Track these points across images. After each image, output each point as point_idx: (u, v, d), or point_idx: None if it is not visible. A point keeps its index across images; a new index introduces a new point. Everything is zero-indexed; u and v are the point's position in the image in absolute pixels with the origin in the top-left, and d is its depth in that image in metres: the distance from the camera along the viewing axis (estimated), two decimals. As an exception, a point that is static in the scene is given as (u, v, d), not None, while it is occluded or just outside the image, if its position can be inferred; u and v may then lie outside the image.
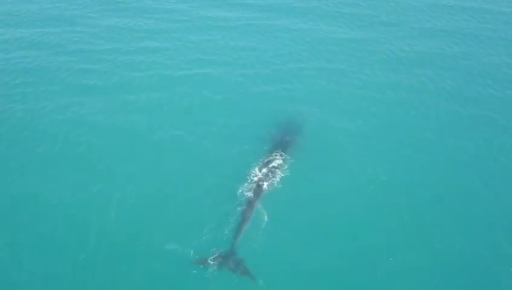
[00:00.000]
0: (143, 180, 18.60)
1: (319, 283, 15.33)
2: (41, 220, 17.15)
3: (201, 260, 15.60)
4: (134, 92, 23.78)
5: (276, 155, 19.53)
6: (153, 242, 16.24)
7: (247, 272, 15.35)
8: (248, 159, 19.37)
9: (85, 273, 15.46)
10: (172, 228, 16.74)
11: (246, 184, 18.21)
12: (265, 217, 17.01)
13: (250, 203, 17.39)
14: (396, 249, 16.26)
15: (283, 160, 19.36)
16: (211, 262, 15.50)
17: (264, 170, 18.81)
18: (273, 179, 18.48)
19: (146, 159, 19.68)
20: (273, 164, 19.11)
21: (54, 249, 16.20)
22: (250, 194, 17.77)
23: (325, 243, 16.48)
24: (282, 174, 18.77)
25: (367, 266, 15.80)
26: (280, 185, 18.36)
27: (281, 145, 20.20)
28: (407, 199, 18.00)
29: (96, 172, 19.02)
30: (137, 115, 22.14)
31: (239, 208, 17.21)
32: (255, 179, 18.44)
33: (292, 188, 18.28)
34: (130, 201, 17.70)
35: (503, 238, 16.70)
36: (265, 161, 19.29)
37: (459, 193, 18.48)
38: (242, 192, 17.90)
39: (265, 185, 18.17)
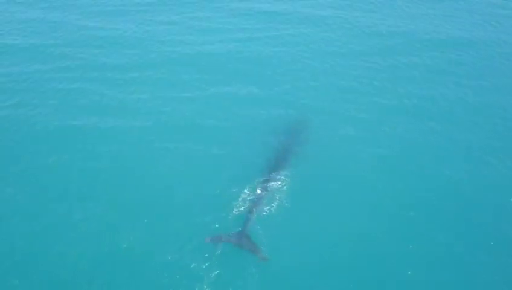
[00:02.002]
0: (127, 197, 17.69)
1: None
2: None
3: (214, 238, 15.72)
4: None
5: (275, 174, 18.29)
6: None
7: (257, 249, 15.37)
8: (241, 181, 18.01)
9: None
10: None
11: (241, 202, 17.22)
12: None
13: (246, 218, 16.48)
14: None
15: (282, 179, 18.14)
16: (223, 240, 15.68)
17: (259, 191, 17.53)
18: (271, 201, 17.30)
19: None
20: (271, 183, 17.88)
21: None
22: (245, 211, 16.78)
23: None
24: (281, 195, 17.57)
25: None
26: (278, 207, 17.12)
27: (280, 163, 18.89)
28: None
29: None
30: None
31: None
32: (251, 198, 17.29)
33: (292, 208, 17.09)
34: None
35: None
36: (262, 180, 17.98)
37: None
38: (238, 209, 16.97)
39: (262, 204, 17.02)
